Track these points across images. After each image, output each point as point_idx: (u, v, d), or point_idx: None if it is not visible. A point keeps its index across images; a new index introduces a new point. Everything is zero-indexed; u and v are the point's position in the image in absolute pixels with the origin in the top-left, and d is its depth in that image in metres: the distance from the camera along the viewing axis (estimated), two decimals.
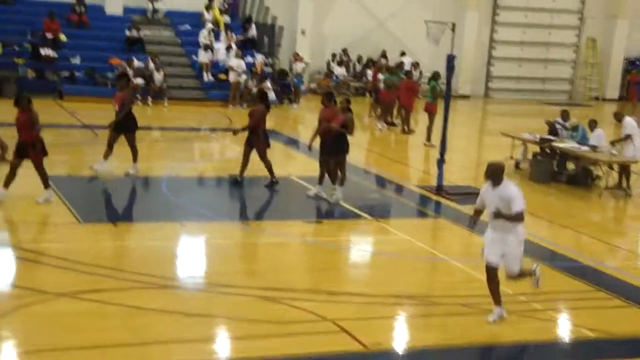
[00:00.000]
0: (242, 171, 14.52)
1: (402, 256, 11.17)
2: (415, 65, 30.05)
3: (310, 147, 14.18)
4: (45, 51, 24.72)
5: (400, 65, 27.98)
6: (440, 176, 14.97)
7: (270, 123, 23.46)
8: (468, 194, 14.81)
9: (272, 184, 14.59)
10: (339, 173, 13.74)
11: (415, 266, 10.88)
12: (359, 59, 31.84)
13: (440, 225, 13.44)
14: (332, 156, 13.61)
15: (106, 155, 14.36)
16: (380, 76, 24.62)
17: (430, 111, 20.50)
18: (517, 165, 17.99)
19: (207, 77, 26.40)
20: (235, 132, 15.60)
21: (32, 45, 24.93)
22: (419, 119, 23.07)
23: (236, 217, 12.69)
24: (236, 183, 14.51)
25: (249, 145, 14.52)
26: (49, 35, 25.18)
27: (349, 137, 13.61)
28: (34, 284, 8.87)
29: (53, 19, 25.52)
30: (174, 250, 11.00)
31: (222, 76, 26.28)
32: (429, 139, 20.38)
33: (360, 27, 31.86)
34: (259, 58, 27.40)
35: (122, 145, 14.60)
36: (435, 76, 21.08)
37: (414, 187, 15.74)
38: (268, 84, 25.86)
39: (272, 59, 28.47)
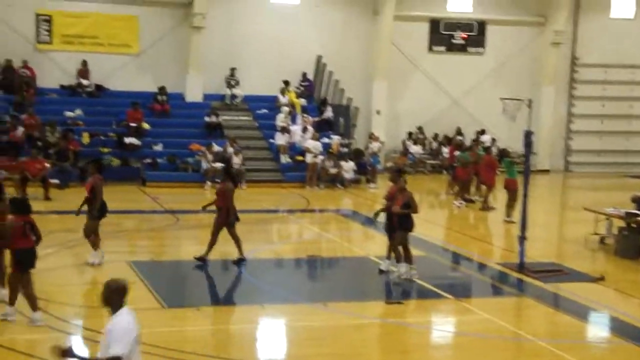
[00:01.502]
0: (209, 250, 14.32)
1: (485, 337, 10.90)
2: (493, 141, 29.95)
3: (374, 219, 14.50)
4: (129, 140, 25.61)
5: (477, 142, 27.86)
6: (522, 253, 14.68)
7: (347, 203, 23.80)
8: (551, 272, 14.50)
9: (240, 260, 14.40)
10: (402, 251, 13.62)
11: (499, 347, 10.60)
12: (435, 137, 31.89)
13: (524, 304, 13.11)
14: (395, 233, 13.58)
15: (96, 245, 14.17)
16: (457, 153, 24.58)
17: (510, 188, 20.28)
18: (601, 241, 17.53)
19: (285, 159, 26.80)
20: (205, 206, 15.48)
21: (117, 134, 25.87)
22: (498, 196, 22.80)
23: (316, 299, 12.64)
24: (203, 261, 14.25)
25: (217, 224, 14.50)
26: (133, 125, 26.11)
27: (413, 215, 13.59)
28: None
29: (136, 109, 26.50)
30: (256, 333, 11.01)
31: (299, 158, 26.65)
32: (508, 215, 20.09)
33: (435, 105, 32.03)
34: (335, 139, 27.75)
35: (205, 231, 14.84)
36: (504, 153, 21.09)
37: (495, 265, 15.46)
38: (347, 164, 26.13)
39: (348, 140, 28.78)
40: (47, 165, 22.25)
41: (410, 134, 31.57)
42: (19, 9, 27.33)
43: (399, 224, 13.49)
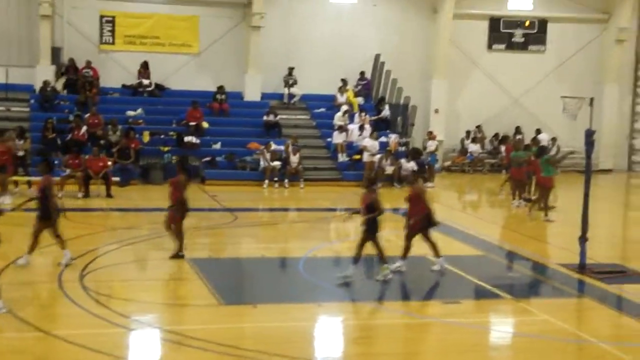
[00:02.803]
0: (181, 245, 14.28)
1: (545, 338, 10.73)
2: (553, 141, 29.47)
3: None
4: (188, 138, 25.95)
5: (536, 141, 27.39)
6: (582, 254, 14.40)
7: (404, 202, 23.60)
8: (614, 273, 14.19)
9: (178, 256, 14.23)
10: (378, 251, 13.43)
11: (560, 349, 10.41)
12: (495, 136, 31.52)
13: (586, 305, 12.86)
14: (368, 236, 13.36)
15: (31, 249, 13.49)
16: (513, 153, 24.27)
17: (545, 185, 20.10)
18: None
19: (342, 157, 26.81)
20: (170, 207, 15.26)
21: (177, 133, 26.23)
22: (559, 195, 22.42)
23: (373, 298, 12.61)
24: (180, 257, 14.21)
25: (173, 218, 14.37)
26: (193, 123, 26.44)
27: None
28: None
29: (196, 107, 26.83)
30: (312, 331, 11.04)
31: (357, 156, 26.62)
32: (546, 214, 19.96)
33: (494, 104, 31.69)
34: (393, 137, 27.64)
35: (264, 228, 14.94)
36: (542, 151, 20.98)
37: (555, 265, 15.20)
38: (406, 164, 26.01)
39: (406, 138, 28.64)
40: (109, 163, 22.67)
41: (468, 132, 31.27)
42: (84, 10, 27.95)
43: (367, 225, 13.28)
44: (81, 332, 10.00)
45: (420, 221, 13.84)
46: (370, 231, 13.16)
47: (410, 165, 26.36)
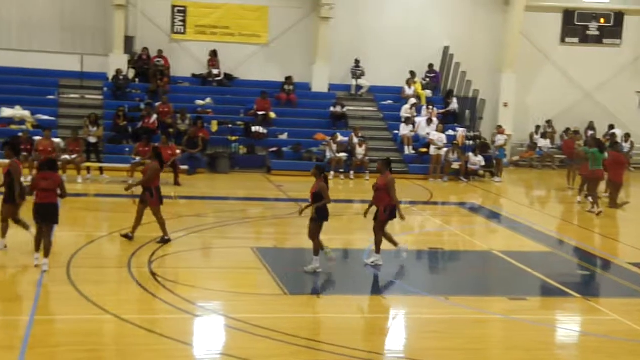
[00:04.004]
0: (134, 228, 14.24)
1: (614, 338, 10.49)
2: (627, 136, 28.75)
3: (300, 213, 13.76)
4: (256, 128, 26.14)
5: (613, 137, 26.73)
6: None
7: (471, 196, 23.42)
8: None
9: (164, 241, 14.23)
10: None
11: (629, 349, 10.17)
12: (566, 131, 30.87)
13: None
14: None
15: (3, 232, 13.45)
16: (580, 149, 23.84)
17: (592, 177, 19.80)
18: None
19: (408, 150, 26.66)
20: (128, 188, 15.51)
21: (245, 123, 26.46)
22: (632, 192, 21.87)
23: (437, 291, 12.51)
24: (128, 238, 14.20)
25: (142, 203, 14.30)
26: (260, 113, 26.63)
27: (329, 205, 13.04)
28: (240, 353, 9.19)
29: (265, 98, 27.01)
30: (374, 323, 11.02)
31: (423, 149, 26.44)
32: (593, 205, 19.66)
33: (565, 99, 31.08)
34: (460, 131, 27.36)
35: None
36: (597, 143, 20.61)
37: (625, 264, 14.84)
38: (474, 158, 25.76)
39: (474, 132, 28.31)
40: (178, 151, 22.99)
41: (538, 127, 30.72)
42: (157, 0, 28.36)
43: (314, 215, 13.03)
44: (149, 317, 10.20)
45: (389, 213, 13.50)
46: (319, 219, 12.95)
47: (478, 160, 26.08)
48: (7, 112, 24.96)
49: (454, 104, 28.76)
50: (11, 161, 13.31)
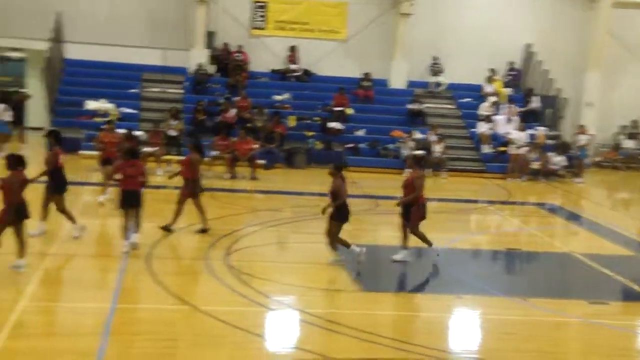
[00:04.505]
0: (204, 221, 14.30)
1: None
2: None
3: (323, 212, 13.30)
4: (332, 124, 26.18)
5: None
6: None
7: (551, 197, 22.94)
8: None
9: (203, 230, 14.26)
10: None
11: None
12: None
13: None
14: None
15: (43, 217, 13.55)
16: None
17: None
18: None
19: (487, 149, 26.30)
20: (171, 176, 15.52)
21: (322, 118, 26.53)
22: None
23: (514, 292, 12.28)
24: (204, 232, 14.26)
25: (190, 196, 14.26)
26: (338, 109, 26.65)
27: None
28: (314, 348, 9.22)
29: (342, 94, 27.04)
30: (450, 323, 10.91)
31: (502, 148, 26.04)
32: None
33: None
34: (541, 130, 26.85)
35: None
36: None
37: None
38: (554, 158, 25.28)
39: (555, 132, 27.73)
40: (255, 146, 23.22)
41: (623, 127, 29.89)
42: None
43: (333, 213, 12.82)
44: (225, 309, 10.31)
45: (421, 210, 13.25)
46: (336, 218, 12.79)
47: (558, 160, 25.56)
48: (92, 104, 25.65)
49: (535, 103, 28.23)
50: (53, 150, 13.53)
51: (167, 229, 14.19)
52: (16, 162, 11.37)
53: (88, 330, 9.23)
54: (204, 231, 14.35)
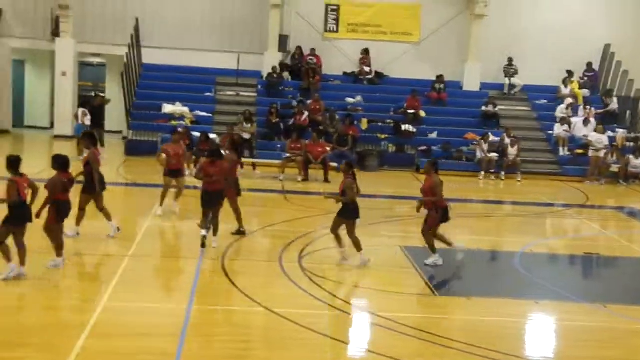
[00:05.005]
0: (239, 223, 14.21)
1: None
2: None
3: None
4: (405, 127, 26.06)
5: None
6: None
7: (631, 200, 22.33)
8: None
9: (240, 232, 14.08)
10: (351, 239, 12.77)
11: None
12: None
13: None
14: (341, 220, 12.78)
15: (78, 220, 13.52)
16: None
17: None
18: None
19: (563, 151, 25.79)
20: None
21: (394, 121, 26.43)
22: None
23: (594, 299, 11.99)
24: (241, 234, 14.19)
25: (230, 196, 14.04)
26: (410, 112, 26.53)
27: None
28: (388, 351, 9.19)
29: (415, 96, 26.90)
30: (527, 328, 10.73)
31: (579, 151, 25.49)
32: None
33: None
34: (620, 132, 26.19)
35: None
36: None
37: None
38: (634, 160, 24.64)
39: (635, 134, 27.01)
40: (328, 149, 23.28)
41: None
42: (312, 0, 28.81)
43: (341, 210, 12.69)
44: (299, 311, 10.36)
45: (441, 214, 12.94)
46: (341, 215, 12.71)
47: (638, 162, 24.89)
48: (168, 108, 26.14)
49: (614, 104, 27.54)
50: (90, 151, 13.71)
51: (240, 233, 14.29)
52: (61, 162, 11.70)
53: (166, 331, 9.39)
54: (240, 232, 14.32)
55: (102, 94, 28.05)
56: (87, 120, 24.10)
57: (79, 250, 12.72)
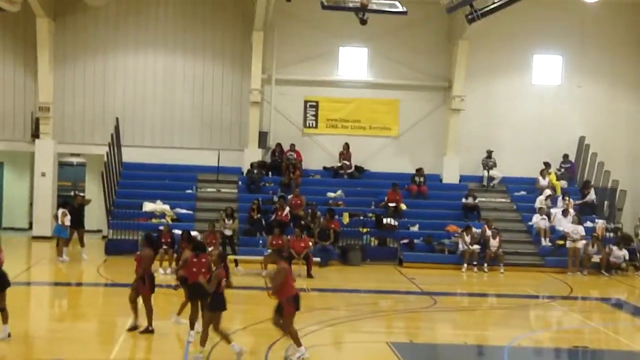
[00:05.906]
0: (147, 319, 14.03)
1: None
2: None
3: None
4: (387, 220, 26.10)
5: None
6: None
7: (614, 291, 22.29)
8: None
9: (148, 331, 13.92)
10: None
11: None
12: None
13: None
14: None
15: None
16: None
17: None
18: None
19: (545, 242, 25.87)
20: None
21: (375, 214, 26.48)
22: None
23: None
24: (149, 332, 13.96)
25: (134, 291, 14.06)
26: (391, 205, 26.62)
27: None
28: None
29: (396, 189, 27.04)
30: None
31: (560, 242, 25.58)
32: None
33: None
34: (600, 223, 26.37)
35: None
36: None
37: None
38: (617, 251, 24.73)
39: (614, 224, 27.19)
40: (310, 244, 23.18)
41: None
42: (290, 96, 29.22)
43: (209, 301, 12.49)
44: None
45: (292, 303, 12.71)
46: (211, 307, 12.42)
47: (621, 253, 24.97)
48: (149, 206, 26.05)
49: (592, 195, 27.82)
50: (146, 250, 14.36)
51: (147, 331, 13.98)
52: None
53: None
54: (149, 331, 14.04)
55: (81, 194, 27.93)
56: (67, 221, 23.88)
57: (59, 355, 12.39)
